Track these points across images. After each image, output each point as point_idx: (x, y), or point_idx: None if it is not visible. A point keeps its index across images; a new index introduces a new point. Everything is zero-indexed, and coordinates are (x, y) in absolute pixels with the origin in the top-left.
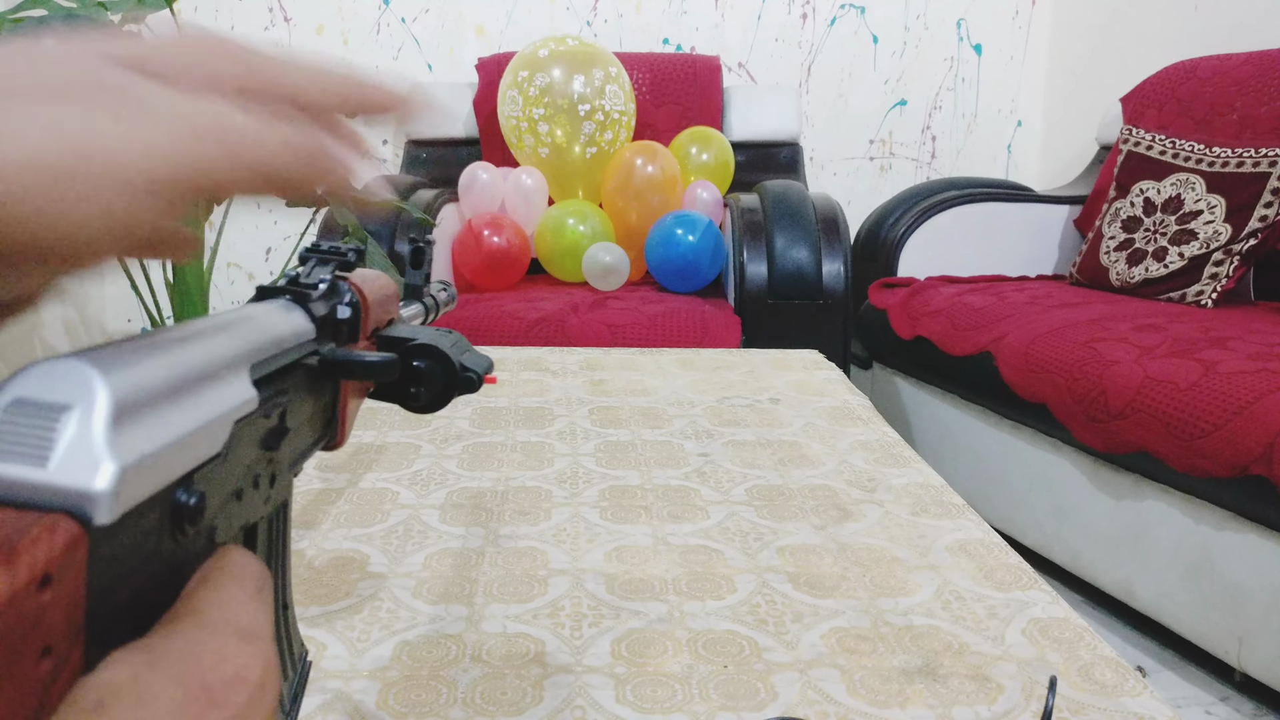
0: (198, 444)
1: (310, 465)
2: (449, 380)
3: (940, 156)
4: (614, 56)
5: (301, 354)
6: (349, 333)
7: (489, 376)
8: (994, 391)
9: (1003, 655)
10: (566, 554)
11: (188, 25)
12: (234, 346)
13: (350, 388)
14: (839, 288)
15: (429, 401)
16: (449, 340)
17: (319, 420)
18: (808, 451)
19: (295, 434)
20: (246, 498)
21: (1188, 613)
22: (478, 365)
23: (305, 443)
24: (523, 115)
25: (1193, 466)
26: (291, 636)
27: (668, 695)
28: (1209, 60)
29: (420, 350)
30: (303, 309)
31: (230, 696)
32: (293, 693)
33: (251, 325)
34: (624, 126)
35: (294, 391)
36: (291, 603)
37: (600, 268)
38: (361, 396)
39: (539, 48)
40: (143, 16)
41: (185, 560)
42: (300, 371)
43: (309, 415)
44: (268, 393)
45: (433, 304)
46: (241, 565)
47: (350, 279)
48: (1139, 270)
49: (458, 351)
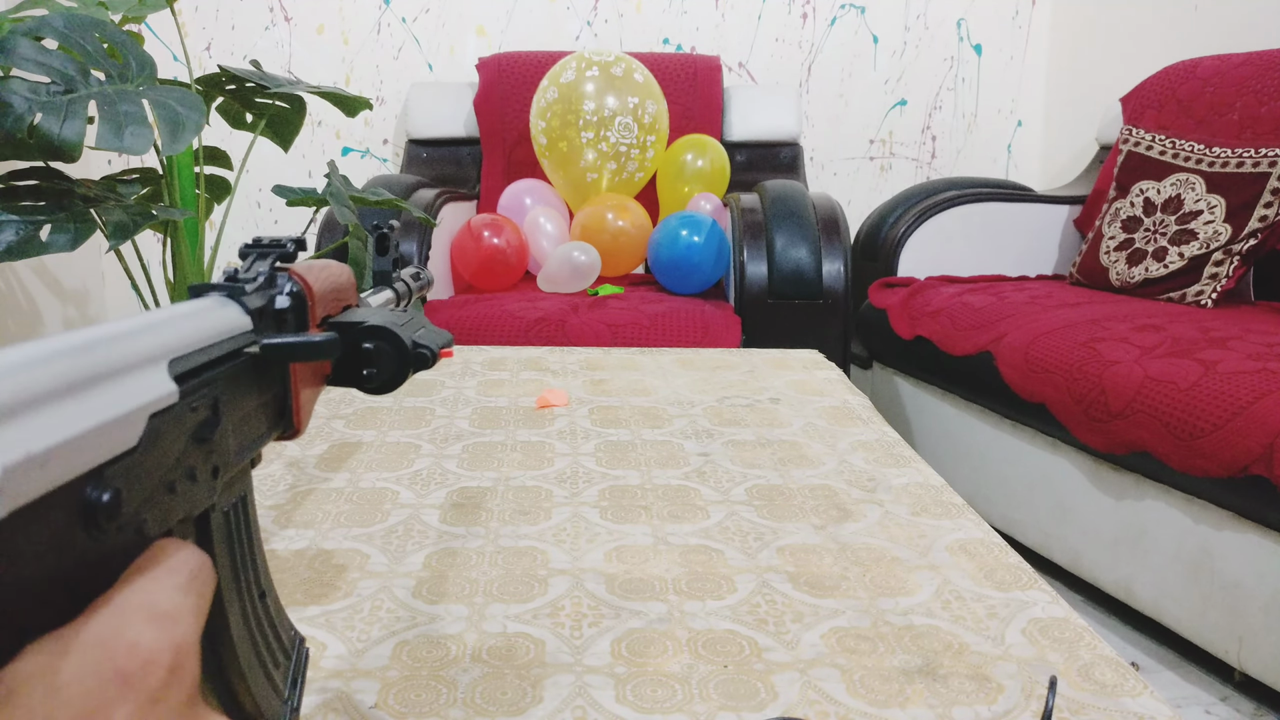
0: (103, 439)
1: (310, 464)
2: (401, 359)
3: (940, 156)
4: (639, 83)
5: (236, 345)
6: (295, 321)
7: (445, 351)
8: (994, 391)
9: (1003, 655)
10: (566, 554)
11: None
12: (148, 344)
13: (302, 375)
14: (839, 288)
15: (383, 382)
16: (401, 320)
17: (270, 410)
18: (808, 451)
19: (238, 425)
20: (182, 490)
21: (1187, 612)
22: (431, 342)
23: (255, 433)
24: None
25: (1193, 466)
26: (276, 624)
27: (668, 695)
28: (1209, 60)
29: (370, 332)
30: (237, 303)
31: (144, 680)
32: (290, 679)
33: (171, 322)
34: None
35: (226, 383)
36: (271, 590)
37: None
38: (318, 384)
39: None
40: (143, 16)
41: (112, 554)
42: (237, 363)
43: (255, 406)
44: (192, 385)
45: (405, 289)
46: (175, 556)
47: (293, 269)
48: (1139, 270)
49: (410, 330)
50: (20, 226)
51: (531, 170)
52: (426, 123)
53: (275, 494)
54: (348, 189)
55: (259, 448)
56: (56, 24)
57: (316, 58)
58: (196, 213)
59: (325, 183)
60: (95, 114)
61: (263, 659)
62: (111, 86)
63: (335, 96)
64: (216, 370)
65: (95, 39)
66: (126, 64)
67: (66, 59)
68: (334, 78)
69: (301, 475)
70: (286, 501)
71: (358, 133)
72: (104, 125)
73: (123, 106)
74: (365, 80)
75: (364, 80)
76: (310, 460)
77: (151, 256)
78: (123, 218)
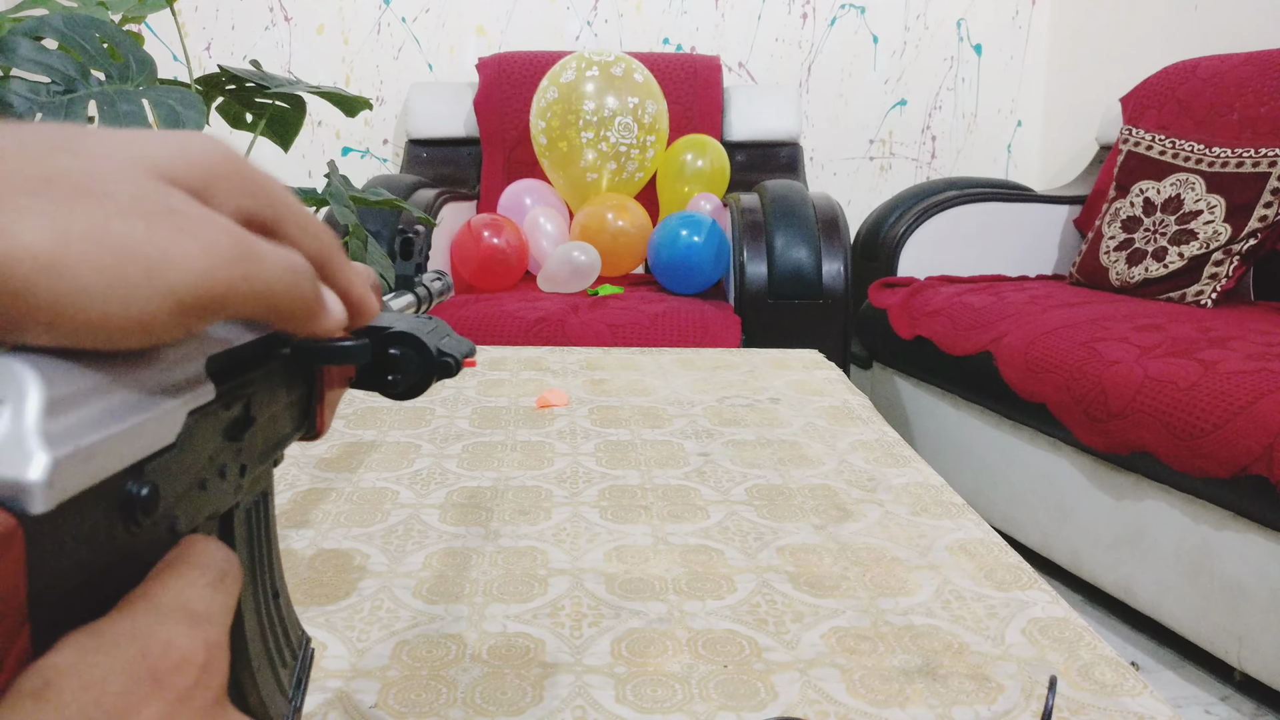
0: (145, 435)
1: (310, 464)
2: (426, 366)
3: (940, 156)
4: (639, 83)
5: (269, 345)
6: None
7: (468, 360)
8: (994, 391)
9: (1003, 655)
10: (566, 554)
11: (216, 139)
12: (188, 341)
13: (329, 378)
14: (839, 287)
15: (408, 388)
16: (427, 327)
17: (295, 411)
18: (808, 451)
19: (267, 424)
20: (212, 487)
21: (1187, 612)
22: (456, 350)
23: (281, 433)
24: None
25: (1193, 466)
26: (286, 624)
27: (668, 695)
28: (1209, 60)
29: (396, 338)
30: None
31: (175, 679)
32: (295, 679)
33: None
34: (631, 158)
35: (261, 383)
36: (284, 590)
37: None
38: (342, 386)
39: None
40: (143, 16)
41: (145, 549)
42: (269, 363)
43: (283, 406)
44: (228, 384)
45: (426, 294)
46: (204, 553)
47: None
48: (1139, 270)
49: (435, 337)
50: None
51: (531, 170)
52: (426, 123)
53: (275, 494)
54: (348, 189)
55: (283, 448)
56: (56, 24)
57: (316, 58)
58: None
59: (325, 183)
60: (95, 114)
61: (272, 658)
62: (111, 86)
63: (335, 96)
64: (250, 371)
65: (95, 39)
66: (126, 64)
67: (66, 59)
68: (334, 78)
69: (301, 475)
70: (287, 501)
71: (358, 133)
72: (104, 125)
73: (123, 106)
74: (365, 80)
75: (364, 80)
76: (310, 460)
77: None
78: None
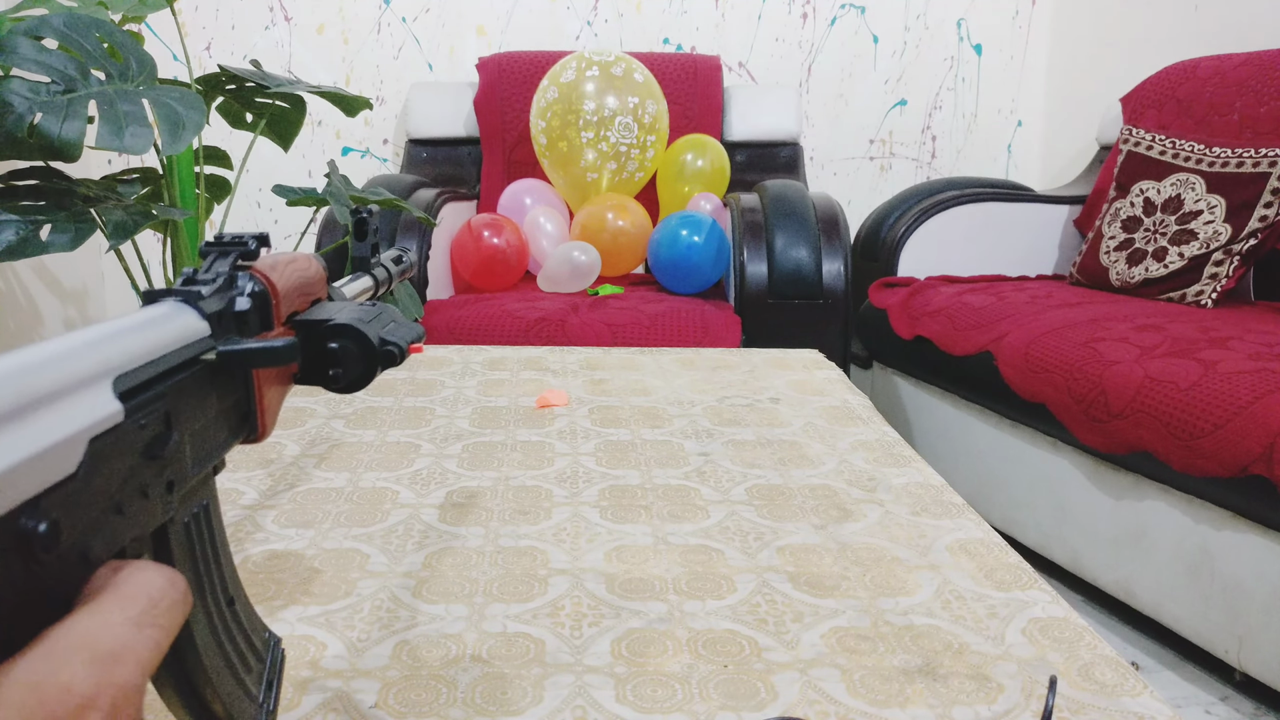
0: (36, 469)
1: (310, 464)
2: (368, 358)
3: (940, 156)
4: (639, 83)
5: (191, 354)
6: (258, 322)
7: (414, 346)
8: (994, 391)
9: (1003, 655)
10: (566, 553)
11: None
12: (90, 362)
13: (266, 379)
14: (839, 287)
15: (350, 381)
16: (369, 315)
17: (232, 416)
18: (808, 451)
19: (196, 435)
20: (132, 510)
21: (1187, 612)
22: (399, 338)
23: (215, 441)
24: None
25: (1193, 466)
26: (247, 629)
27: (668, 695)
28: (1209, 60)
29: (336, 331)
30: (192, 308)
31: None
32: (265, 681)
33: (118, 336)
34: (631, 158)
35: (181, 394)
36: (240, 596)
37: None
38: (284, 385)
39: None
40: (143, 16)
41: (56, 582)
42: (191, 373)
43: (215, 414)
44: (140, 402)
45: (385, 275)
46: (128, 583)
47: (255, 267)
48: (1139, 270)
49: (377, 327)
50: (20, 226)
51: (531, 170)
52: (426, 123)
53: (275, 494)
54: (348, 189)
55: (220, 455)
56: (56, 24)
57: (316, 57)
58: (196, 212)
59: (325, 182)
60: (95, 114)
61: (232, 664)
62: (111, 86)
63: (335, 96)
64: (167, 383)
65: (95, 39)
66: (126, 64)
67: (66, 59)
68: (334, 78)
69: (301, 475)
70: (287, 501)
71: (358, 133)
72: (104, 125)
73: (123, 106)
74: (365, 80)
75: (364, 80)
76: (310, 460)
77: (151, 256)
78: (123, 217)
